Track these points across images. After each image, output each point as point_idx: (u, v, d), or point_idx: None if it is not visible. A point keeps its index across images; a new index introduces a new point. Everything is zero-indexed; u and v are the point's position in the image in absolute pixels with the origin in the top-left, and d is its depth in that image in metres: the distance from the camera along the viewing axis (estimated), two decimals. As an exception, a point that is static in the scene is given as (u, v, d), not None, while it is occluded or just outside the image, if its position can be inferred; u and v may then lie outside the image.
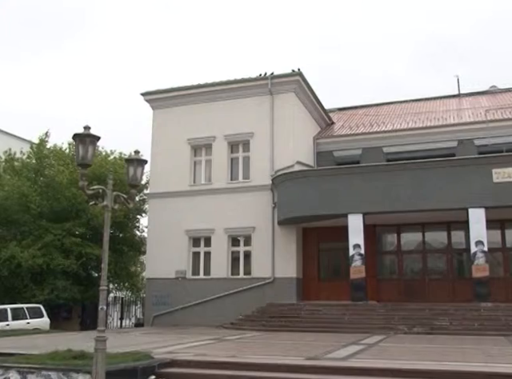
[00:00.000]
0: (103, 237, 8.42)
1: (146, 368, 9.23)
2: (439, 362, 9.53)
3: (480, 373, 8.44)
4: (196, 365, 9.88)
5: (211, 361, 10.10)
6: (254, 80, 22.59)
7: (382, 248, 21.72)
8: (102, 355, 7.84)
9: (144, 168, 9.16)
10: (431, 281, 20.41)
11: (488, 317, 16.36)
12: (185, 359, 10.19)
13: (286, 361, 9.85)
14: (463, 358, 10.22)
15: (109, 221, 8.53)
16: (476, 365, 9.19)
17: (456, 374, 8.43)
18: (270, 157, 21.53)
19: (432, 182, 18.24)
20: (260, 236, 21.11)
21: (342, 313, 18.00)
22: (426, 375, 8.52)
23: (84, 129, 8.09)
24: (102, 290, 8.23)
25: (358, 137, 24.12)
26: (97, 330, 8.13)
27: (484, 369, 8.65)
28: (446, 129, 23.07)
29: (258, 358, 10.34)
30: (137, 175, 8.87)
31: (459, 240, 20.33)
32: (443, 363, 9.41)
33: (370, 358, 10.44)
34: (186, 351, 11.45)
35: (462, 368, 8.79)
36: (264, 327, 17.72)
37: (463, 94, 28.97)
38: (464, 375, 8.38)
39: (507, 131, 21.80)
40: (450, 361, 9.77)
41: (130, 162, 8.94)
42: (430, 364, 9.30)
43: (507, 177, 17.61)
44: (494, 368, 8.78)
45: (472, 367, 8.88)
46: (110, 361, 8.65)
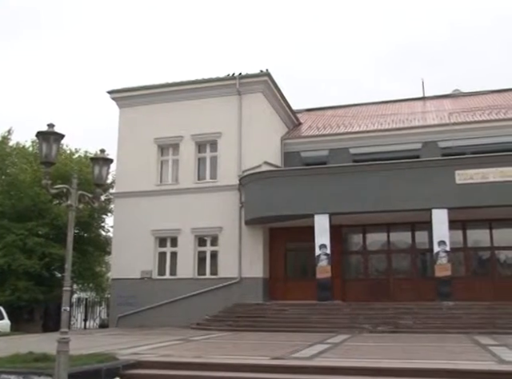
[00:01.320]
0: (67, 237, 8.27)
1: (110, 369, 9.11)
2: (402, 360, 9.70)
3: (441, 369, 8.62)
4: (161, 365, 9.80)
5: (177, 361, 10.04)
6: (222, 80, 22.55)
7: (347, 248, 21.95)
8: (64, 357, 7.70)
9: (110, 167, 9.05)
10: (396, 280, 20.73)
11: (450, 316, 16.71)
12: (150, 360, 10.11)
13: (251, 361, 9.86)
14: (426, 356, 10.41)
15: (73, 221, 8.38)
16: (438, 362, 9.38)
17: (418, 371, 8.59)
18: (238, 158, 21.53)
19: (397, 183, 18.54)
20: (227, 236, 21.09)
21: (308, 313, 18.11)
22: (390, 373, 8.64)
23: (48, 126, 7.94)
24: (65, 291, 8.09)
25: (325, 138, 24.33)
26: (60, 332, 7.98)
27: (445, 366, 8.83)
28: (411, 131, 23.47)
29: (224, 358, 10.32)
30: (102, 174, 8.76)
31: (423, 240, 20.68)
32: (406, 361, 9.57)
33: (335, 357, 10.54)
34: (151, 352, 11.35)
35: (424, 365, 8.97)
36: (231, 327, 17.70)
37: (428, 97, 29.57)
38: (426, 372, 8.55)
39: (470, 134, 22.31)
40: (413, 358, 9.95)
41: (95, 161, 8.82)
42: (393, 362, 9.46)
43: (469, 179, 18.02)
44: (454, 365, 8.97)
45: (434, 364, 9.07)
46: (73, 362, 8.51)
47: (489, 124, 22.54)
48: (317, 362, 9.67)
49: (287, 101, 24.80)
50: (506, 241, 20.22)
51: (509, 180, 17.60)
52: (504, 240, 20.25)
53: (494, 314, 16.53)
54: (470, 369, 8.53)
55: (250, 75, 22.25)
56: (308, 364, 9.52)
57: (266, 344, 13.54)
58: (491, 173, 17.89)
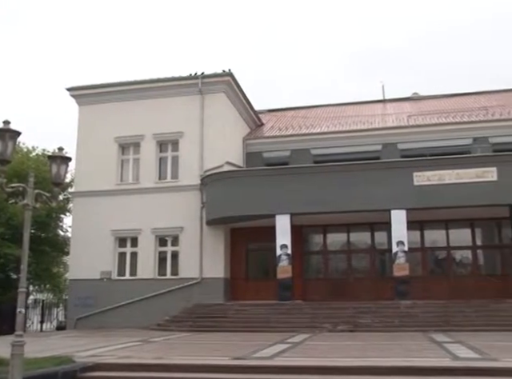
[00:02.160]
0: (23, 237, 8.07)
1: (67, 372, 8.93)
2: (360, 358, 9.84)
3: (396, 367, 8.79)
4: (120, 367, 9.66)
5: (136, 363, 9.92)
6: (185, 79, 22.41)
7: (308, 248, 22.15)
8: (19, 360, 7.51)
9: (68, 165, 8.86)
10: (355, 280, 21.03)
11: (407, 314, 17.04)
12: (108, 362, 9.94)
13: (212, 362, 9.84)
14: (382, 354, 10.60)
15: (29, 221, 8.18)
16: (394, 359, 9.57)
17: (374, 369, 8.74)
18: (200, 157, 21.44)
19: (357, 184, 18.80)
20: (188, 236, 20.97)
21: (268, 313, 18.17)
22: (348, 371, 8.77)
23: (3, 123, 7.72)
24: (20, 292, 7.89)
25: (286, 138, 24.47)
26: (14, 334, 7.78)
27: (400, 364, 9.02)
28: (371, 132, 23.84)
29: (184, 359, 10.25)
30: (60, 173, 8.58)
31: (382, 240, 21.05)
32: (364, 359, 9.73)
33: (295, 356, 10.61)
34: (110, 354, 11.18)
35: (380, 363, 9.13)
36: (191, 328, 17.61)
37: (388, 100, 30.10)
38: (382, 370, 8.70)
39: (428, 136, 22.83)
40: (370, 357, 10.12)
41: (53, 159, 8.63)
42: (351, 360, 9.60)
43: (426, 181, 18.44)
44: (410, 362, 9.17)
45: (389, 362, 9.25)
46: (29, 366, 8.30)
47: (446, 127, 23.11)
48: (277, 362, 9.71)
49: (249, 102, 24.84)
50: (461, 241, 20.82)
51: (464, 182, 18.09)
52: (459, 240, 20.84)
53: (449, 312, 16.96)
54: (424, 366, 8.74)
55: (213, 75, 22.19)
56: (268, 363, 9.55)
57: (227, 344, 13.53)
58: (447, 174, 18.36)
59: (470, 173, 18.25)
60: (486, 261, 21.21)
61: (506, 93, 27.96)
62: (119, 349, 12.23)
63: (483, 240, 21.40)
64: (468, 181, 18.10)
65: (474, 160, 19.14)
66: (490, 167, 18.15)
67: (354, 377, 8.60)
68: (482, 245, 21.12)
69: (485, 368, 8.59)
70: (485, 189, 17.83)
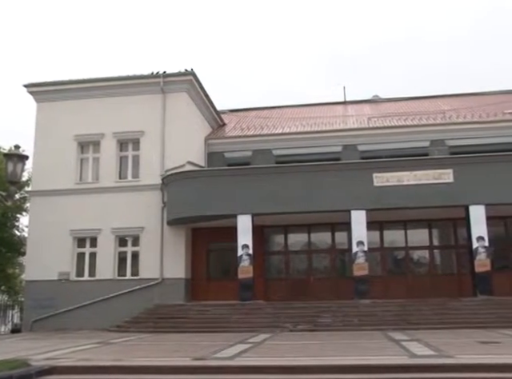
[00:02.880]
0: (-24, 238, 7.84)
1: (23, 376, 8.68)
2: (320, 357, 9.95)
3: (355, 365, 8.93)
4: (78, 370, 9.48)
5: (95, 365, 9.75)
6: (146, 77, 22.18)
7: (270, 248, 22.23)
8: (-28, 364, 7.29)
9: (25, 164, 8.69)
10: (316, 279, 21.23)
11: (366, 313, 17.30)
12: (66, 365, 9.75)
13: (172, 363, 9.77)
14: (342, 353, 10.74)
15: (-17, 220, 7.95)
16: (352, 358, 9.72)
17: (333, 368, 8.84)
18: (161, 157, 21.25)
19: (318, 185, 18.98)
20: (149, 236, 20.76)
21: (229, 313, 18.16)
22: (308, 370, 8.85)
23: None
24: (-27, 294, 7.66)
25: (248, 138, 24.50)
26: (-33, 337, 7.54)
27: (359, 362, 9.17)
28: (332, 134, 24.09)
29: (144, 360, 10.15)
30: (17, 171, 8.40)
31: (342, 240, 21.32)
32: (323, 358, 9.84)
33: (256, 356, 10.64)
34: (68, 356, 10.96)
35: (339, 362, 9.26)
36: (151, 329, 17.44)
37: (349, 102, 30.53)
38: (340, 368, 8.82)
39: (387, 138, 23.22)
40: (330, 355, 10.24)
41: (9, 158, 8.44)
42: (311, 359, 9.70)
43: (386, 182, 18.77)
44: (368, 360, 9.33)
45: (348, 361, 9.39)
46: (-18, 370, 8.07)
47: (405, 129, 23.58)
48: (237, 362, 9.72)
49: (212, 102, 24.77)
50: (419, 241, 21.27)
51: (422, 183, 18.50)
52: (417, 240, 21.29)
53: (407, 311, 17.30)
54: (382, 364, 8.89)
55: (175, 74, 22.04)
56: (229, 364, 9.54)
57: (188, 345, 13.45)
58: (406, 176, 18.73)
59: (427, 175, 18.67)
60: (443, 261, 21.73)
61: (461, 97, 28.77)
62: (77, 352, 12.01)
63: (440, 240, 21.90)
64: (426, 183, 18.52)
65: (431, 162, 19.59)
66: (447, 169, 18.62)
67: (314, 376, 8.68)
68: (438, 245, 21.63)
69: (440, 365, 8.81)
70: (441, 190, 18.29)
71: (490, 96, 28.09)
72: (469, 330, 14.87)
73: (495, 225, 19.88)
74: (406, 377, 8.45)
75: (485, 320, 16.10)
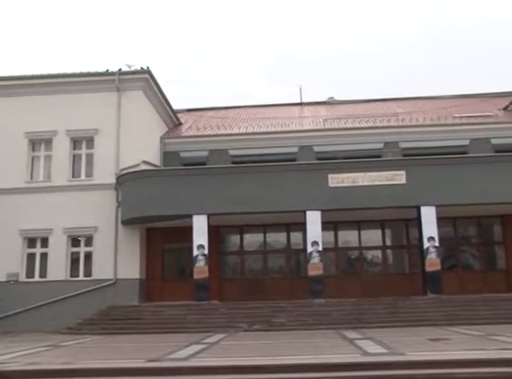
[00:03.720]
0: None
1: (-32, 381, 8.41)
2: (274, 357, 10.00)
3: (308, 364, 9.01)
4: (27, 374, 9.20)
5: (44, 369, 9.47)
6: (101, 75, 21.78)
7: (225, 248, 22.20)
8: None
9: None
10: (271, 279, 21.33)
11: (321, 313, 17.50)
12: (14, 369, 9.44)
13: (125, 365, 9.62)
14: (296, 352, 10.82)
15: None
16: (306, 357, 9.80)
17: (287, 367, 8.90)
18: (115, 156, 20.91)
19: (274, 185, 19.07)
20: (102, 236, 20.38)
21: (185, 314, 18.05)
22: (263, 370, 8.87)
23: None
24: None
25: (204, 138, 24.39)
26: None
27: (312, 361, 9.26)
28: (288, 135, 24.28)
29: (97, 363, 9.95)
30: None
31: (297, 240, 21.50)
32: (278, 357, 9.89)
33: (210, 357, 10.59)
34: (16, 360, 10.62)
35: (294, 361, 9.32)
36: (105, 330, 17.14)
37: (305, 103, 30.84)
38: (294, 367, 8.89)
39: (342, 139, 23.54)
40: (285, 355, 10.30)
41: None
42: (266, 359, 9.73)
43: (341, 182, 19.04)
44: (321, 359, 9.43)
45: (302, 360, 9.47)
46: None
47: (359, 131, 23.98)
48: (192, 363, 9.66)
49: (168, 101, 24.53)
50: (372, 241, 21.67)
51: (376, 184, 18.86)
52: (370, 240, 21.68)
53: (361, 310, 17.60)
54: (336, 363, 9.00)
55: (130, 72, 21.73)
56: (183, 365, 9.47)
57: (142, 346, 13.30)
58: (360, 177, 19.05)
59: (381, 176, 19.03)
60: (395, 261, 22.21)
61: (414, 100, 29.49)
62: (27, 355, 11.66)
63: (392, 240, 22.35)
64: (379, 184, 18.88)
65: (384, 163, 20.01)
66: (400, 170, 19.04)
67: (269, 376, 8.71)
68: (391, 245, 22.08)
69: (392, 362, 9.00)
70: (394, 191, 18.68)
71: (441, 100, 28.89)
72: (419, 328, 15.26)
73: (445, 225, 20.49)
74: (359, 374, 8.60)
75: (434, 318, 16.56)
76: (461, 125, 23.98)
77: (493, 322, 15.82)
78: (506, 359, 8.93)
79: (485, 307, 17.30)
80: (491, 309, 17.12)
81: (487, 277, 20.63)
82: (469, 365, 8.69)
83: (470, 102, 27.62)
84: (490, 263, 21.45)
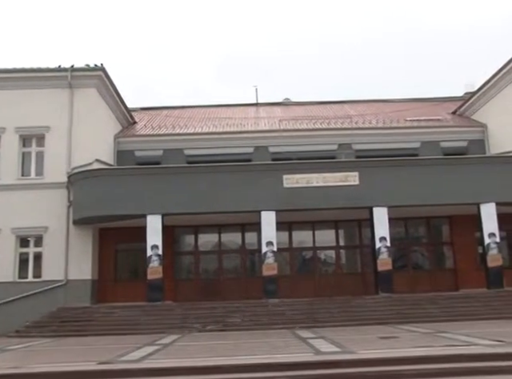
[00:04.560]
0: None
1: None
2: (229, 357, 10.00)
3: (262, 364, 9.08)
4: (-29, 379, 8.92)
5: (-10, 373, 9.21)
6: (52, 71, 21.23)
7: (180, 249, 22.04)
8: None
9: None
10: (226, 280, 21.32)
11: (275, 312, 17.59)
12: (-43, 374, 9.14)
13: (75, 368, 9.43)
14: (250, 352, 10.85)
15: None
16: (261, 357, 9.85)
17: (243, 367, 8.94)
18: (67, 154, 20.43)
19: (229, 185, 19.06)
20: (53, 236, 19.86)
21: (138, 315, 17.82)
22: (217, 370, 8.89)
23: None
24: None
25: (159, 138, 24.17)
26: None
27: (266, 360, 9.32)
28: (243, 135, 24.33)
29: (46, 367, 9.71)
30: None
31: (252, 241, 21.55)
32: (232, 357, 9.90)
33: (163, 358, 10.51)
34: (-41, 365, 10.26)
35: (248, 361, 9.36)
36: (55, 333, 16.73)
37: (261, 104, 30.96)
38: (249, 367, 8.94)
39: (298, 140, 23.78)
40: (238, 355, 10.32)
41: None
42: (220, 359, 9.72)
43: (295, 183, 19.20)
44: (275, 359, 9.50)
45: (256, 359, 9.51)
46: None
47: (314, 132, 24.28)
48: (145, 364, 9.56)
49: (122, 99, 24.14)
50: (326, 241, 21.93)
51: (330, 185, 19.10)
52: (324, 240, 21.94)
53: (314, 309, 17.79)
54: (289, 362, 9.10)
55: (83, 69, 21.27)
56: (136, 367, 9.36)
57: (93, 348, 13.08)
58: (315, 178, 19.26)
59: (335, 177, 19.29)
60: (348, 260, 22.57)
61: (367, 103, 30.05)
62: (-29, 360, 11.28)
63: (346, 240, 22.72)
64: (333, 185, 19.13)
65: (338, 165, 20.30)
66: (353, 172, 19.34)
67: (223, 376, 8.72)
68: (344, 245, 22.43)
69: (343, 360, 9.15)
70: (348, 192, 18.97)
71: (393, 103, 29.54)
72: (371, 326, 15.57)
73: (396, 226, 20.97)
74: (312, 373, 8.71)
75: (385, 316, 16.93)
76: (412, 128, 24.61)
77: (441, 320, 16.35)
78: (452, 355, 9.24)
79: (433, 305, 17.80)
80: (439, 307, 17.64)
81: (436, 276, 21.22)
82: (417, 362, 8.94)
83: (420, 106, 28.37)
84: (438, 263, 22.11)
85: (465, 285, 20.34)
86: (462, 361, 8.97)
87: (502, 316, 16.60)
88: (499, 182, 19.10)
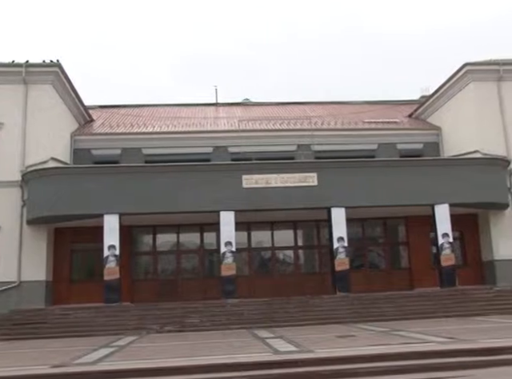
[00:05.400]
0: None
1: None
2: (187, 358, 9.94)
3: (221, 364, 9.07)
4: None
5: None
6: (6, 66, 20.63)
7: (137, 249, 21.79)
8: None
9: None
10: (184, 280, 21.18)
11: (233, 313, 17.59)
12: None
13: (28, 372, 9.19)
14: (209, 352, 10.81)
15: None
16: (219, 357, 9.84)
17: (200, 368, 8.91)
18: (21, 152, 19.86)
19: (188, 185, 18.94)
20: (5, 236, 19.24)
21: (94, 316, 17.50)
22: (174, 372, 8.82)
23: None
24: None
25: (117, 136, 23.78)
26: None
27: (225, 361, 9.31)
28: (203, 135, 24.23)
29: (-3, 371, 9.42)
30: None
31: (211, 241, 21.48)
32: (189, 358, 9.84)
33: (120, 360, 10.35)
34: None
35: (205, 362, 9.32)
36: (7, 336, 16.22)
37: (220, 104, 30.86)
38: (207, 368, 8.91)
39: (257, 141, 23.80)
40: (196, 355, 10.26)
41: None
42: (177, 360, 9.65)
43: (255, 184, 19.24)
44: (233, 359, 9.50)
45: (214, 360, 9.49)
46: None
47: (273, 133, 24.38)
48: (100, 367, 9.40)
49: (79, 96, 23.64)
50: (285, 241, 22.08)
51: (289, 186, 19.23)
52: (283, 240, 22.08)
53: (273, 309, 17.88)
54: (247, 362, 9.11)
55: (39, 64, 20.74)
56: (91, 369, 9.20)
57: (47, 351, 12.77)
58: (274, 178, 19.35)
59: (293, 178, 19.43)
60: (307, 260, 22.76)
61: (327, 104, 30.33)
62: None
63: (304, 240, 22.90)
64: (292, 185, 19.27)
65: (297, 165, 20.48)
66: (311, 173, 19.52)
67: (180, 377, 8.66)
68: (303, 245, 22.61)
69: (301, 359, 9.23)
70: (306, 192, 19.14)
71: (351, 105, 29.95)
72: (329, 326, 15.78)
73: (354, 226, 21.27)
74: (270, 372, 8.75)
75: (342, 315, 17.19)
76: (369, 130, 25.02)
77: (396, 318, 16.71)
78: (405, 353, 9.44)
79: (389, 304, 18.14)
80: (395, 305, 18.00)
81: (392, 276, 21.64)
82: (372, 360, 9.10)
83: (378, 108, 28.85)
84: (394, 262, 22.56)
85: (420, 283, 20.83)
86: (416, 359, 9.17)
87: (454, 314, 17.14)
88: (453, 184, 19.65)
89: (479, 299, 18.54)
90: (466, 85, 22.56)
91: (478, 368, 8.78)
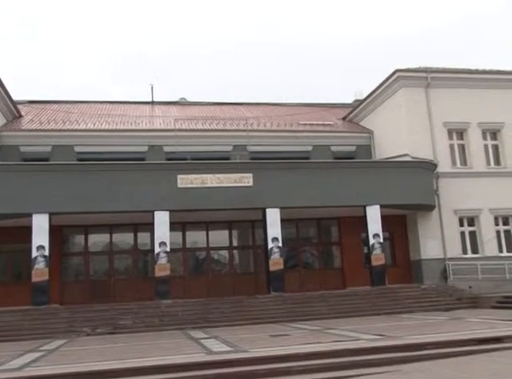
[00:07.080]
0: None
1: None
2: (119, 360, 9.71)
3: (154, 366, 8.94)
4: None
5: None
6: None
7: (68, 249, 21.14)
8: None
9: None
10: (117, 281, 20.75)
11: (167, 313, 17.41)
12: None
13: None
14: (142, 354, 10.63)
15: None
16: (152, 359, 9.69)
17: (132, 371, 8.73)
18: None
19: (121, 184, 18.57)
20: None
21: (20, 319, 16.78)
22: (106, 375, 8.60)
23: None
24: None
25: (47, 133, 22.95)
26: None
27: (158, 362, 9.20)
28: (137, 133, 23.81)
29: None
30: None
31: (145, 241, 21.16)
32: (123, 361, 9.62)
33: (47, 365, 9.97)
34: None
35: (138, 364, 9.15)
36: None
37: (156, 102, 30.44)
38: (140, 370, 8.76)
39: (193, 141, 23.69)
40: (129, 358, 10.05)
41: None
42: (109, 363, 9.41)
43: (190, 183, 19.12)
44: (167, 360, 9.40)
45: (148, 362, 9.34)
46: None
47: (209, 133, 24.34)
48: (26, 372, 9.01)
49: (7, 90, 22.63)
50: (220, 241, 22.07)
51: (224, 186, 19.23)
52: (218, 241, 22.06)
53: (207, 309, 17.83)
54: (180, 363, 9.03)
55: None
56: (16, 375, 8.81)
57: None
58: (209, 178, 19.30)
59: (229, 178, 19.45)
60: (241, 261, 22.82)
61: (263, 106, 30.58)
62: None
63: (239, 241, 22.96)
64: (228, 186, 19.28)
65: (233, 166, 20.52)
66: (247, 173, 19.62)
67: (111, 381, 8.45)
68: (238, 245, 22.66)
69: (234, 359, 9.23)
70: (242, 193, 19.21)
71: (287, 107, 30.36)
72: (263, 325, 15.90)
73: (288, 226, 21.53)
74: (204, 373, 8.70)
75: (277, 315, 17.36)
76: (304, 132, 25.43)
77: (329, 317, 17.07)
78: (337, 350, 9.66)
79: (322, 303, 18.50)
80: (328, 304, 18.37)
81: (325, 275, 22.07)
82: (305, 358, 9.23)
83: (313, 111, 29.38)
84: (327, 262, 23.01)
85: (352, 283, 21.35)
86: (347, 356, 9.38)
87: (384, 311, 17.70)
88: (383, 186, 20.30)
89: (407, 297, 19.25)
90: (396, 90, 23.35)
91: (405, 363, 9.08)
